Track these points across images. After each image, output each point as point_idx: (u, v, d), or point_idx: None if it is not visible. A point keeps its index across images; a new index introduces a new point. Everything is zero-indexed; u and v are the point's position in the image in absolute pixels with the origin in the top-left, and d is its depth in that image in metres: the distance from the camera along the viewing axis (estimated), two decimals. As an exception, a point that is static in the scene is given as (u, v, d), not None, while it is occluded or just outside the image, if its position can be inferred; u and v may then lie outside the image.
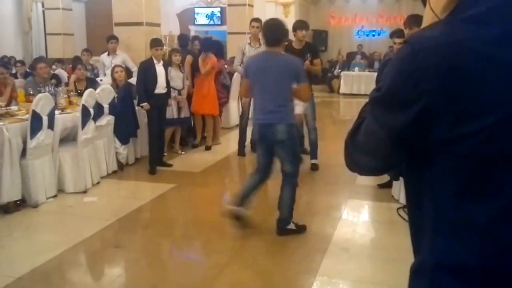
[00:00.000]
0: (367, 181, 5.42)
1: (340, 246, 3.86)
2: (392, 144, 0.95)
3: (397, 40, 5.10)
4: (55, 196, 4.88)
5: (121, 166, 5.93)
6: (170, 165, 6.14)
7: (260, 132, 3.91)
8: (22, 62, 7.35)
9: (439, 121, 0.85)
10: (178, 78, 6.45)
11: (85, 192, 5.08)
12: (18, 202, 4.54)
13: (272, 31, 3.87)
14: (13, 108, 4.89)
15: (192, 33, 12.55)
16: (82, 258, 3.85)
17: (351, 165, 1.08)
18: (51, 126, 4.71)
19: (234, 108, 8.53)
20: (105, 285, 3.38)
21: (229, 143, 7.31)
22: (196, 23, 15.28)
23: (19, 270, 3.40)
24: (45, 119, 4.59)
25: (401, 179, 3.80)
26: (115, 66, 6.24)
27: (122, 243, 4.01)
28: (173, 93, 6.35)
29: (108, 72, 6.49)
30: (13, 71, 7.66)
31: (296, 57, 4.25)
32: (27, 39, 12.21)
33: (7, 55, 9.85)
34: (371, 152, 1.01)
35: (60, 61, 8.75)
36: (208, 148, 7.06)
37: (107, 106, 5.52)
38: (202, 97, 6.84)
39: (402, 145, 0.94)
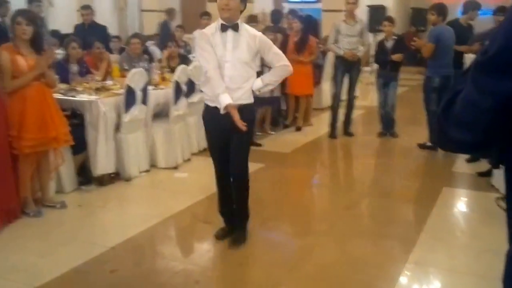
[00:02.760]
0: (465, 169, 5.21)
1: (432, 235, 3.67)
2: (496, 114, 0.86)
3: (500, 19, 4.63)
4: (147, 170, 4.95)
5: (211, 144, 5.88)
6: (260, 145, 6.01)
7: None
8: (118, 38, 7.55)
9: None
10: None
11: (176, 168, 5.10)
12: (112, 175, 4.64)
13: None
14: (108, 82, 4.98)
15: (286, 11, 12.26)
16: (172, 231, 3.92)
17: (443, 142, 1.00)
18: (144, 101, 4.74)
19: (326, 89, 8.20)
20: (194, 259, 3.41)
21: (320, 124, 7.04)
22: (290, 0, 14.95)
23: (112, 240, 3.47)
24: (139, 94, 4.62)
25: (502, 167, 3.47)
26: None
27: (211, 219, 3.99)
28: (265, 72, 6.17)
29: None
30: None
31: None
32: (123, 15, 12.66)
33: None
34: (470, 125, 0.91)
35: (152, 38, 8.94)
36: (298, 129, 6.85)
37: (199, 83, 5.45)
38: (298, 76, 6.61)
39: (508, 115, 0.85)
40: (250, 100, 3.25)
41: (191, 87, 5.30)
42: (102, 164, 4.46)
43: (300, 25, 6.53)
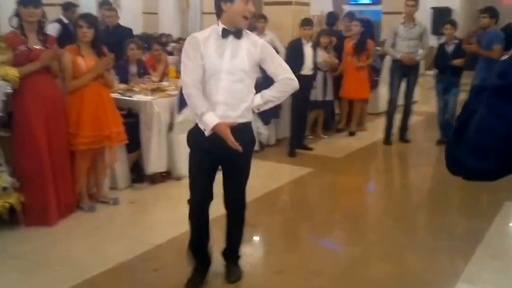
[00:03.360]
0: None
1: (489, 252, 3.45)
2: None
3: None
4: (197, 171, 5.01)
5: (261, 146, 5.90)
6: (311, 149, 5.96)
7: None
8: (180, 40, 7.71)
9: None
10: (324, 63, 6.19)
11: (225, 169, 5.13)
12: (164, 174, 4.76)
13: None
14: (164, 83, 5.11)
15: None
16: (216, 233, 3.87)
17: (454, 167, 0.91)
18: (197, 102, 4.81)
19: (383, 93, 7.99)
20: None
21: (375, 130, 6.87)
22: (350, 2, 14.73)
23: (159, 238, 3.55)
24: (191, 95, 4.70)
25: None
26: (263, 45, 6.19)
27: (257, 223, 4.01)
28: (319, 75, 6.11)
29: (256, 52, 6.48)
30: (169, 49, 8.14)
31: None
32: (184, 18, 12.99)
33: (165, 33, 10.58)
34: (485, 151, 0.84)
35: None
36: (352, 133, 6.72)
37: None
38: (353, 80, 6.51)
39: None
40: (251, 118, 2.81)
41: (244, 89, 5.32)
42: (155, 162, 4.58)
43: (360, 28, 6.40)
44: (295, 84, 2.81)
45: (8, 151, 3.64)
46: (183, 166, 4.80)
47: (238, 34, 2.64)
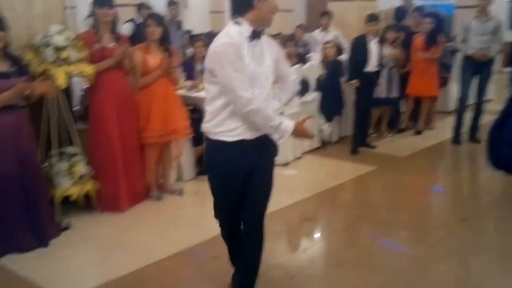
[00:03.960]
0: None
1: None
2: None
3: None
4: (258, 166, 5.12)
5: (323, 143, 5.90)
6: (374, 147, 5.87)
7: None
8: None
9: None
10: (391, 56, 6.06)
11: (286, 165, 5.21)
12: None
13: None
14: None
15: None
16: (275, 226, 3.95)
17: (495, 162, 0.88)
18: (260, 98, 4.91)
19: (454, 91, 7.68)
20: (293, 255, 3.48)
21: (444, 129, 6.61)
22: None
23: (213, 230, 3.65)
24: (255, 92, 4.80)
25: None
26: (326, 42, 6.20)
27: (316, 217, 4.09)
28: (384, 71, 6.01)
29: (319, 48, 6.48)
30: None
31: None
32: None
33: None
34: None
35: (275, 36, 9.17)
36: (418, 132, 6.53)
37: (313, 82, 5.52)
38: (422, 77, 6.33)
39: None
40: None
41: (305, 86, 5.37)
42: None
43: (431, 25, 6.19)
44: (297, 85, 2.70)
45: (84, 142, 3.93)
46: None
47: (259, 34, 2.34)
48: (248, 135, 2.38)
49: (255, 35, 2.31)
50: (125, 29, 6.08)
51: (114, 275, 3.05)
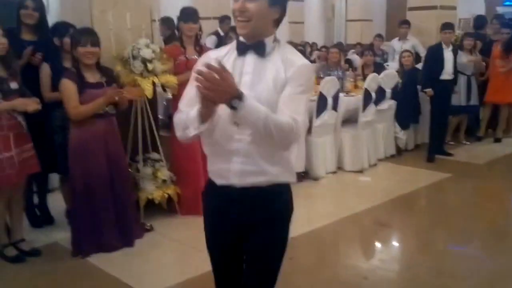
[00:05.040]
0: None
1: None
2: None
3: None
4: (334, 172, 5.32)
5: (399, 150, 5.97)
6: (451, 155, 5.84)
7: None
8: (325, 48, 7.98)
9: None
10: (468, 64, 6.01)
11: (361, 171, 5.35)
12: (302, 174, 5.13)
13: None
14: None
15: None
16: (350, 229, 4.08)
17: None
18: (335, 107, 5.13)
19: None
20: (366, 257, 3.59)
21: (526, 137, 6.40)
22: (505, 3, 13.59)
23: (295, 231, 3.58)
24: (330, 101, 5.03)
25: None
26: (404, 51, 6.25)
27: (391, 223, 4.13)
28: (462, 79, 5.96)
29: (397, 57, 6.55)
30: (312, 57, 8.52)
31: None
32: (330, 26, 13.29)
33: (310, 41, 10.99)
34: None
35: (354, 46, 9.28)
36: (497, 140, 6.38)
37: (390, 90, 5.62)
38: (500, 84, 6.20)
39: None
40: (287, 176, 1.82)
41: (381, 94, 5.49)
42: (294, 163, 4.97)
43: (508, 34, 6.06)
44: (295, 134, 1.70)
45: (166, 149, 4.16)
46: (319, 167, 5.16)
47: (259, 48, 1.72)
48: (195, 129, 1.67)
49: (241, 48, 1.73)
50: (209, 41, 6.47)
51: (192, 274, 3.14)
